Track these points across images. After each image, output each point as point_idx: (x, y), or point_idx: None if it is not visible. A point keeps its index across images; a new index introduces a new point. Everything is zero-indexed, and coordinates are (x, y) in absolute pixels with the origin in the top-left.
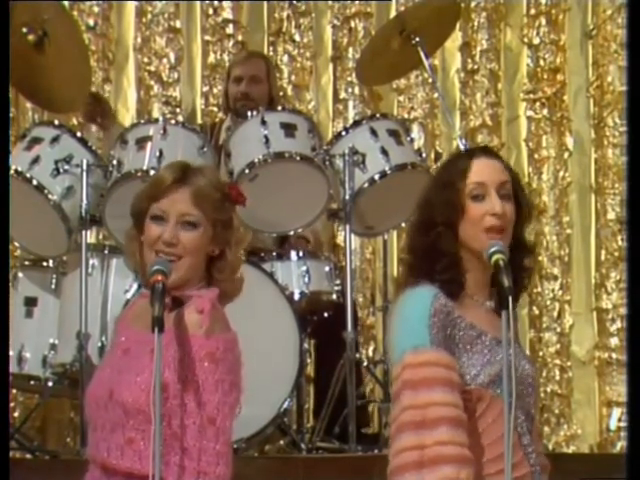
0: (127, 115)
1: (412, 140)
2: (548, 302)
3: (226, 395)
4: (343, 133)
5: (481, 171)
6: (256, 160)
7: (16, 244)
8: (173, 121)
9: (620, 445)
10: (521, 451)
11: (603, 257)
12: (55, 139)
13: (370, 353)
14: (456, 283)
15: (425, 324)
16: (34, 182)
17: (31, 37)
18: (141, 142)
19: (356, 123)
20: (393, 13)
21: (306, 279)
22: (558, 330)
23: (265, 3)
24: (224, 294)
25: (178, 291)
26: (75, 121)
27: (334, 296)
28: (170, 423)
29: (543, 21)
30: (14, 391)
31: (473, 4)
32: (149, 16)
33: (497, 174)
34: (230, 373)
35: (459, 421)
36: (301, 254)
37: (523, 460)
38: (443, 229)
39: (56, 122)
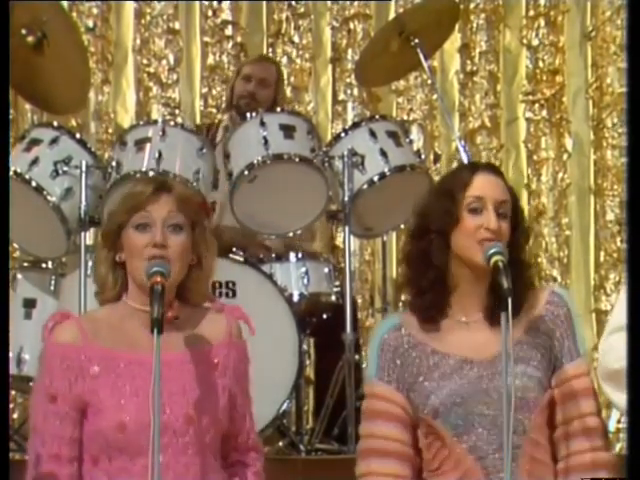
0: (126, 116)
1: (411, 141)
2: None
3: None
4: (342, 134)
5: (482, 186)
6: (255, 161)
7: (15, 245)
8: (172, 122)
9: (619, 446)
10: None
11: (602, 258)
12: (54, 140)
13: None
14: (435, 308)
15: (375, 357)
16: (33, 183)
17: (30, 38)
18: (140, 143)
19: (355, 125)
20: (392, 14)
21: (305, 280)
22: None
23: (264, 4)
24: (192, 304)
25: (172, 304)
26: (74, 122)
27: (333, 297)
28: (237, 428)
29: (542, 22)
30: (13, 392)
31: (472, 6)
32: (148, 17)
33: (497, 192)
34: None
35: (388, 452)
36: (300, 255)
37: None
38: (435, 237)
39: (55, 123)
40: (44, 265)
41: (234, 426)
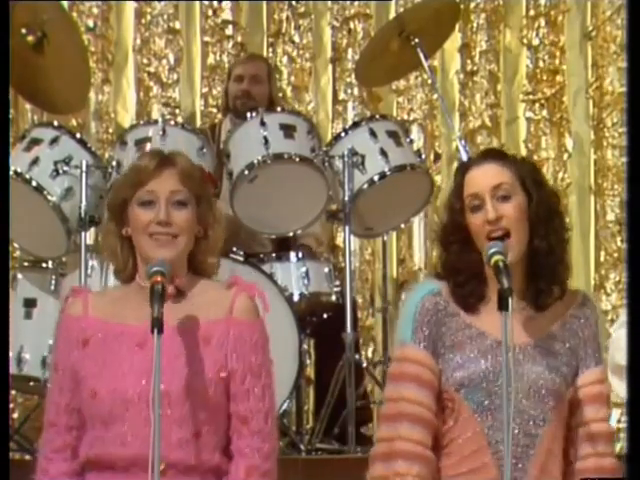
0: (126, 116)
1: (411, 141)
2: None
3: (270, 377)
4: (342, 134)
5: (472, 182)
6: (255, 161)
7: (15, 245)
8: (172, 122)
9: (619, 446)
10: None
11: (602, 258)
12: (54, 140)
13: (369, 354)
14: (473, 297)
15: (410, 320)
16: (33, 183)
17: (30, 38)
18: (140, 143)
19: (355, 124)
20: (392, 14)
21: (305, 280)
22: None
23: (264, 4)
24: (205, 275)
25: (178, 279)
26: (74, 122)
27: (333, 297)
28: (238, 407)
29: (542, 22)
30: (13, 392)
31: (472, 5)
32: (148, 17)
33: (489, 179)
34: (269, 355)
35: (419, 419)
36: (300, 255)
37: None
38: (458, 247)
39: (55, 123)
40: (44, 265)
41: (235, 403)
